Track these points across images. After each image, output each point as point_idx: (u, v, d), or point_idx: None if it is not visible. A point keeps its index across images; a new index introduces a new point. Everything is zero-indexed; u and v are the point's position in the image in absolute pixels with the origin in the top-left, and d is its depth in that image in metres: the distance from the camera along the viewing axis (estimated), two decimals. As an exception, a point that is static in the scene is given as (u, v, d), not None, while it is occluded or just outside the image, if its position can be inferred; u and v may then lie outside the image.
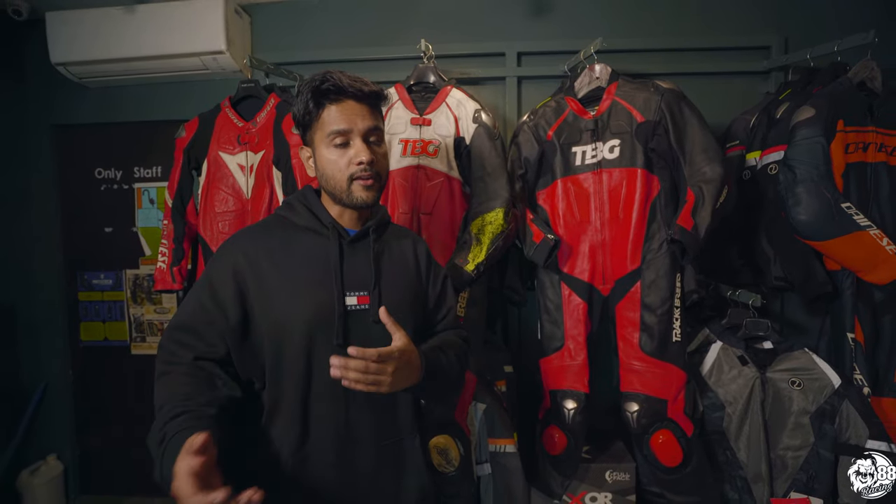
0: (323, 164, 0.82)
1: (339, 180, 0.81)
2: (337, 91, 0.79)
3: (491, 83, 1.77)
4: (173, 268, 1.46)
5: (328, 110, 0.80)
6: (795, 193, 1.25)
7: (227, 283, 0.78)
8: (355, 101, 0.81)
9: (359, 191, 0.81)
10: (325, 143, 0.81)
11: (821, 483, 1.24)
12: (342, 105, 0.80)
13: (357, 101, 0.81)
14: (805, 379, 1.27)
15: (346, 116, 0.80)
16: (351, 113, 0.80)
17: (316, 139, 0.83)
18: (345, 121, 0.80)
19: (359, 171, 0.80)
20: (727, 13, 1.71)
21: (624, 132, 1.33)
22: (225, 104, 1.51)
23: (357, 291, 0.82)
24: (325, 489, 0.78)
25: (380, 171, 0.83)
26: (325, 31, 1.81)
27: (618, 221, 1.34)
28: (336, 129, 0.80)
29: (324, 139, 0.81)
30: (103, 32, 1.68)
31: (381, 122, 0.86)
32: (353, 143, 0.81)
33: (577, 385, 1.36)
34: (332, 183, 0.82)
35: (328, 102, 0.80)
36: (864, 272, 1.25)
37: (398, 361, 0.72)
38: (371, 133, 0.82)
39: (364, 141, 0.81)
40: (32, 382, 1.98)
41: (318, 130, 0.82)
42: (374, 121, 0.83)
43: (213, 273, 0.80)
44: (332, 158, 0.81)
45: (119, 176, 1.98)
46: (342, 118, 0.80)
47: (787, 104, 1.42)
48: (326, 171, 0.82)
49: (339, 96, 0.80)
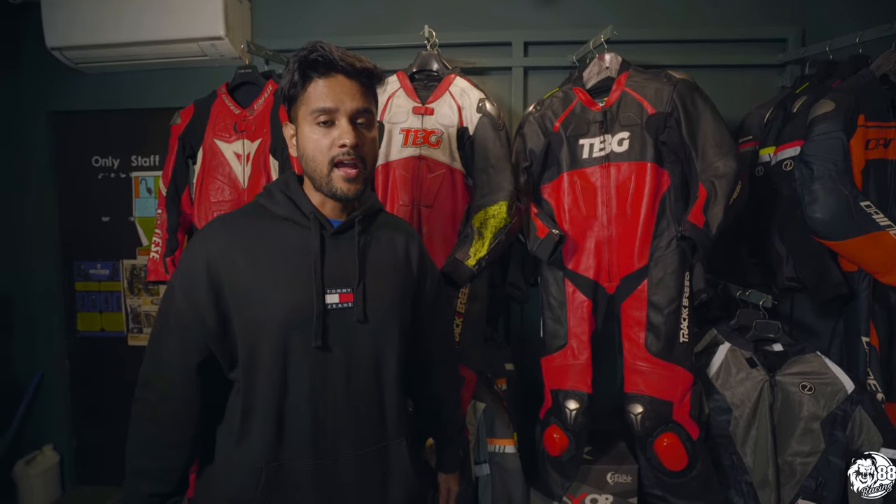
0: (304, 143, 0.74)
1: (320, 163, 0.74)
2: (326, 63, 0.71)
3: (496, 73, 1.72)
4: (167, 258, 1.43)
5: (315, 84, 0.73)
6: (812, 191, 1.20)
7: (201, 281, 0.72)
8: (345, 77, 0.73)
9: (339, 182, 0.74)
10: (308, 119, 0.73)
11: (830, 491, 1.21)
12: (330, 80, 0.72)
13: (347, 76, 0.73)
14: (816, 383, 1.23)
15: (333, 93, 0.72)
16: (339, 90, 0.72)
17: (300, 115, 0.75)
18: (331, 98, 0.72)
19: (341, 155, 0.72)
20: (741, 4, 1.66)
21: (634, 124, 1.29)
22: (221, 91, 1.48)
23: (339, 289, 0.75)
24: (302, 500, 0.73)
25: (365, 157, 0.75)
26: (326, 18, 1.77)
27: (625, 217, 1.30)
28: (321, 107, 0.72)
29: (307, 115, 0.73)
30: (100, 16, 1.64)
31: (374, 105, 0.79)
32: (338, 122, 0.73)
33: (580, 385, 1.32)
34: (313, 165, 0.74)
35: (315, 75, 0.72)
36: (882, 274, 1.20)
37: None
38: (360, 114, 0.74)
39: (350, 122, 0.73)
40: (28, 372, 1.96)
41: (303, 105, 0.74)
42: (365, 101, 0.75)
43: (186, 270, 0.74)
44: (315, 138, 0.73)
45: (117, 164, 1.95)
46: (329, 94, 0.72)
47: (804, 98, 1.37)
48: (307, 152, 0.74)
49: (327, 70, 0.72)
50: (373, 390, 0.78)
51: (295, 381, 0.73)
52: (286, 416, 0.73)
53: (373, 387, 0.78)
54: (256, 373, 0.73)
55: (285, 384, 0.73)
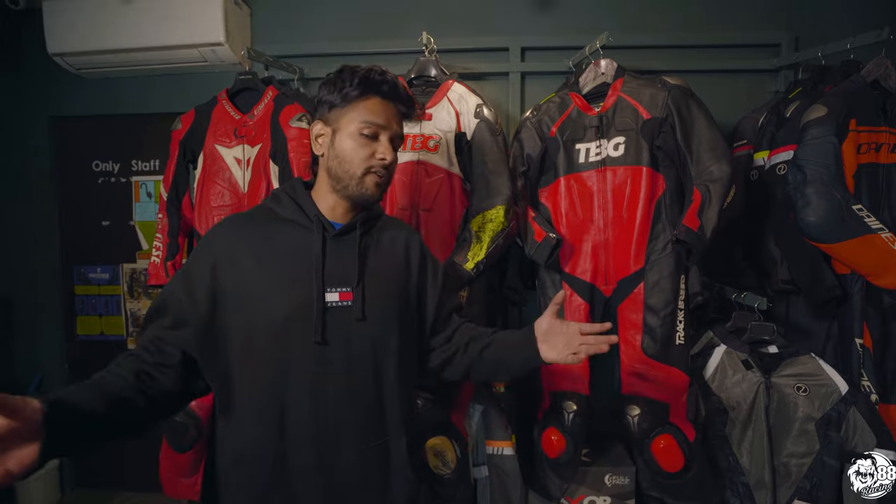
0: (343, 148, 0.81)
1: (356, 167, 0.80)
2: (391, 89, 0.82)
3: (494, 78, 1.74)
4: (167, 262, 1.44)
5: (372, 100, 0.81)
6: (805, 194, 1.22)
7: (203, 275, 0.77)
8: (395, 104, 0.84)
9: (371, 185, 0.81)
10: (354, 126, 0.81)
11: (825, 492, 1.21)
12: (386, 102, 0.83)
13: (396, 104, 0.84)
14: (811, 385, 1.24)
15: (385, 114, 0.82)
16: (390, 113, 0.83)
17: (343, 121, 0.82)
18: (384, 117, 0.82)
19: (377, 167, 0.81)
20: (736, 9, 1.68)
21: (629, 129, 1.30)
22: (222, 96, 1.49)
23: (339, 287, 0.79)
24: (304, 495, 0.75)
25: (391, 175, 0.86)
26: (325, 24, 1.78)
27: (621, 221, 1.31)
28: (374, 121, 0.81)
29: (354, 123, 0.81)
30: (101, 22, 1.65)
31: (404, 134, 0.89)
32: (381, 139, 0.82)
33: (578, 387, 1.33)
34: (347, 167, 0.81)
35: (375, 94, 0.82)
36: (874, 276, 1.22)
37: None
38: (397, 139, 0.85)
39: (390, 142, 0.83)
40: (28, 375, 1.96)
41: (352, 112, 0.81)
42: (403, 129, 0.87)
43: (192, 263, 0.80)
44: (356, 146, 0.81)
45: (117, 169, 1.96)
46: (383, 113, 0.82)
47: (797, 103, 1.38)
48: (346, 156, 0.81)
49: (389, 95, 0.82)
50: (373, 387, 0.81)
51: (295, 376, 0.76)
52: (287, 409, 0.75)
53: (372, 384, 0.81)
54: (257, 367, 0.76)
55: (286, 378, 0.76)
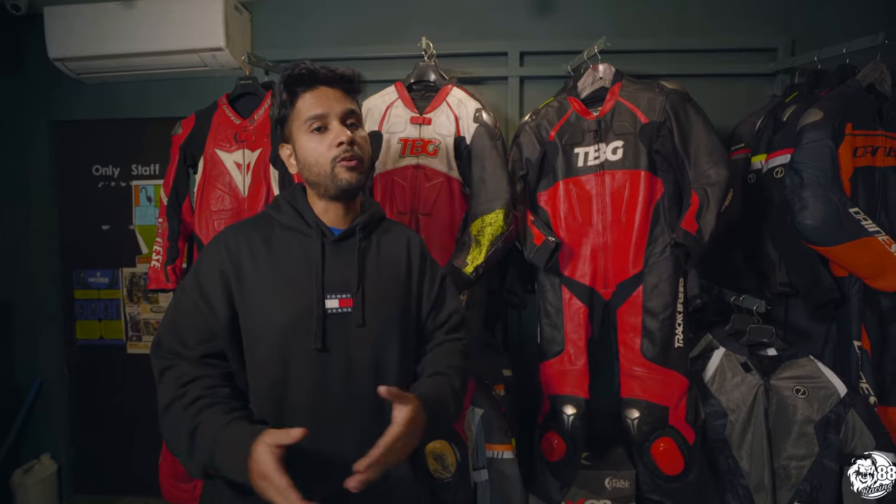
0: (304, 154, 0.81)
1: (322, 165, 0.79)
2: (310, 76, 0.80)
3: (493, 83, 1.75)
4: (167, 266, 1.44)
5: (303, 99, 0.80)
6: (802, 197, 1.22)
7: (215, 282, 0.77)
8: (328, 87, 0.81)
9: (343, 172, 0.79)
10: (303, 130, 0.80)
11: (825, 494, 1.21)
12: (316, 91, 0.80)
13: (330, 85, 0.81)
14: (810, 387, 1.25)
15: (321, 101, 0.80)
16: (325, 98, 0.80)
17: (294, 129, 0.82)
18: (320, 105, 0.79)
19: (340, 153, 0.79)
20: (733, 14, 1.69)
21: (627, 133, 1.31)
22: (222, 101, 1.50)
23: (339, 294, 0.79)
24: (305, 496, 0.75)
25: (362, 155, 0.82)
26: (325, 29, 1.80)
27: (620, 224, 1.32)
28: (313, 115, 0.79)
29: (301, 127, 0.80)
30: (101, 28, 1.66)
31: (358, 108, 0.86)
32: (331, 126, 0.80)
33: (577, 390, 1.33)
34: (316, 170, 0.80)
35: (301, 91, 0.80)
36: (872, 279, 1.23)
37: (404, 438, 0.70)
38: (348, 116, 0.81)
39: (342, 123, 0.80)
40: (27, 380, 1.96)
41: (296, 120, 0.81)
42: (351, 104, 0.83)
43: (200, 272, 0.80)
44: (312, 145, 0.80)
45: (117, 173, 1.97)
46: (317, 103, 0.80)
47: (793, 107, 1.39)
48: (309, 160, 0.80)
49: (312, 82, 0.80)
50: (372, 393, 0.79)
51: (295, 382, 0.76)
52: (286, 415, 0.76)
53: (372, 389, 0.79)
54: (259, 375, 0.76)
55: (286, 384, 0.76)
